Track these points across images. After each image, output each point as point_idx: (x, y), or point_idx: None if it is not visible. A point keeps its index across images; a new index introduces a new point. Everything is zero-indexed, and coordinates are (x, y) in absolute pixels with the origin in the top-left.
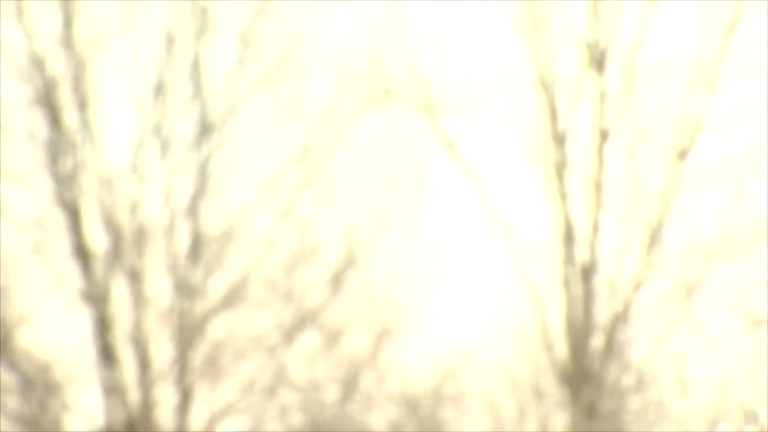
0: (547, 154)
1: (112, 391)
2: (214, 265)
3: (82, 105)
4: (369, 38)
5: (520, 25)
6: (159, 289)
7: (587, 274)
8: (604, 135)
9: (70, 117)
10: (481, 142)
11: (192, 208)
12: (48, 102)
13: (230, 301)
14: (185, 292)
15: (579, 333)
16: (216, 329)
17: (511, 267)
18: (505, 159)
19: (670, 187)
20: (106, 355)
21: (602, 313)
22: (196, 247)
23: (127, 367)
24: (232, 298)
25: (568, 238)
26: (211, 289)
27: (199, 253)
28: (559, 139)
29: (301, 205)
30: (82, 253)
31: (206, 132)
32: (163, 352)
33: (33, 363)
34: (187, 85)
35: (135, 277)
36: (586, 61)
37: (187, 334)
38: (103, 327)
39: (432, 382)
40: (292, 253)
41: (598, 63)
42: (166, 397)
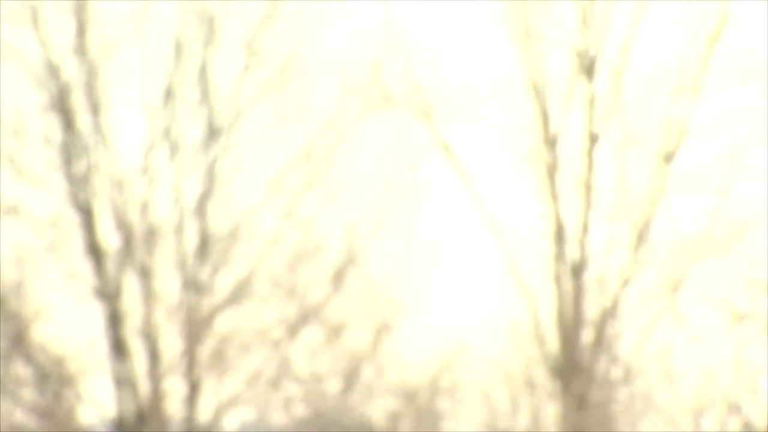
0: (539, 157)
1: (124, 382)
2: (221, 263)
3: (95, 110)
4: (369, 47)
5: (513, 33)
6: (168, 286)
7: (577, 270)
8: (594, 138)
9: (84, 121)
10: (475, 145)
11: (200, 208)
12: (62, 107)
13: (236, 297)
14: (193, 288)
15: (569, 327)
16: (223, 324)
17: (505, 264)
18: (498, 161)
19: (656, 189)
20: (118, 349)
21: (592, 308)
22: (204, 246)
23: (138, 360)
24: (238, 294)
25: (559, 236)
26: (218, 286)
27: (206, 251)
28: (551, 143)
29: (304, 205)
30: (95, 251)
31: (213, 135)
32: (172, 345)
33: (48, 356)
34: (195, 91)
35: (145, 274)
36: (577, 68)
37: (195, 328)
38: (114, 322)
39: (429, 374)
40: (295, 251)
41: (588, 70)
42: (175, 388)
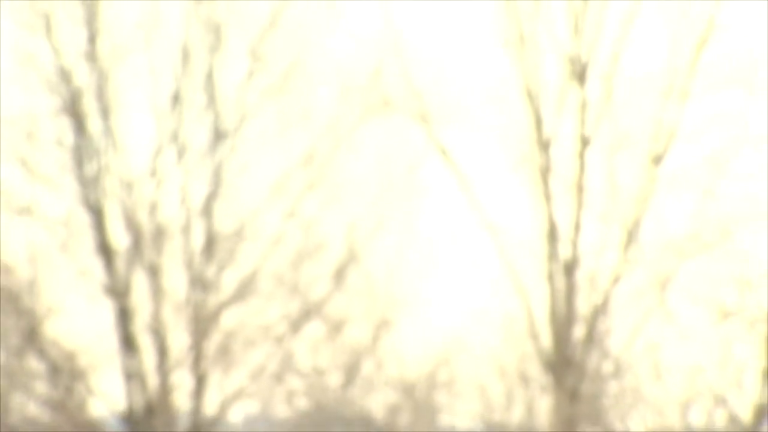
0: (533, 159)
1: (133, 376)
2: (226, 261)
3: (105, 114)
4: (369, 53)
5: (508, 41)
6: (176, 283)
7: (569, 269)
8: (586, 141)
9: (94, 125)
10: (472, 148)
11: (206, 209)
12: (74, 111)
13: (241, 294)
14: (200, 285)
15: (562, 323)
16: (228, 320)
17: (500, 263)
18: (494, 164)
19: (645, 190)
20: (127, 344)
21: (583, 305)
22: (210, 245)
23: (147, 354)
24: (243, 292)
25: (552, 235)
26: (224, 283)
27: (212, 249)
28: (544, 145)
29: (306, 206)
30: (105, 250)
31: (219, 139)
32: (179, 340)
33: (60, 351)
34: (202, 96)
35: (154, 272)
36: (569, 74)
37: (202, 324)
38: (124, 318)
39: (427, 368)
40: (298, 250)
41: (580, 75)
42: (182, 382)
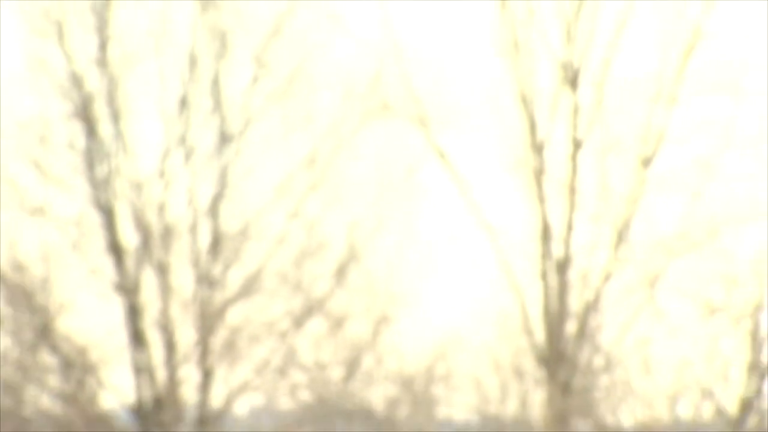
0: (527, 162)
1: (142, 370)
2: (232, 260)
3: (116, 118)
4: (369, 60)
5: (503, 48)
6: (183, 281)
7: (562, 267)
8: (578, 145)
9: (105, 128)
10: (468, 151)
11: (212, 209)
12: (85, 115)
13: (246, 292)
14: (206, 283)
15: (555, 319)
16: (234, 316)
17: (495, 261)
18: (489, 166)
19: (635, 191)
20: (137, 339)
21: (575, 302)
22: (216, 244)
23: (155, 349)
24: (248, 289)
25: (546, 235)
26: (230, 281)
27: (218, 248)
28: (538, 148)
29: (309, 206)
30: (116, 249)
31: (225, 142)
32: (186, 336)
33: (72, 346)
34: (208, 101)
35: (162, 270)
36: (562, 80)
37: (208, 320)
38: (133, 314)
39: (425, 362)
40: (301, 249)
41: (572, 81)
42: (189, 376)
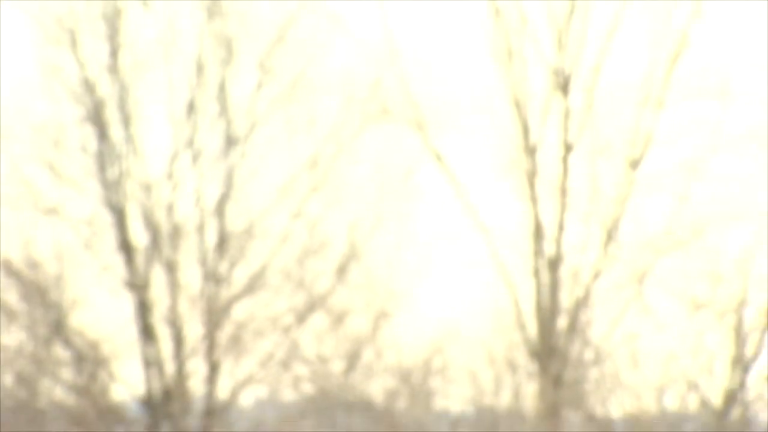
0: (520, 164)
1: (151, 364)
2: (237, 258)
3: (126, 122)
4: (369, 66)
5: (497, 54)
6: (191, 278)
7: (554, 265)
8: (569, 147)
9: (116, 132)
10: (464, 154)
11: (219, 209)
12: (97, 119)
13: (251, 288)
14: (213, 280)
15: (547, 315)
16: (239, 312)
17: (490, 259)
18: (484, 168)
19: (624, 192)
20: (146, 334)
21: (567, 298)
22: (223, 242)
23: (164, 344)
24: (253, 286)
25: (538, 234)
26: (235, 278)
27: (225, 247)
28: (530, 151)
29: (311, 207)
30: (126, 248)
31: (231, 145)
32: (194, 331)
33: (84, 340)
34: (215, 105)
35: (171, 268)
36: (553, 85)
37: (215, 316)
38: (143, 310)
39: (422, 356)
40: (303, 247)
41: (563, 86)
42: (197, 369)
